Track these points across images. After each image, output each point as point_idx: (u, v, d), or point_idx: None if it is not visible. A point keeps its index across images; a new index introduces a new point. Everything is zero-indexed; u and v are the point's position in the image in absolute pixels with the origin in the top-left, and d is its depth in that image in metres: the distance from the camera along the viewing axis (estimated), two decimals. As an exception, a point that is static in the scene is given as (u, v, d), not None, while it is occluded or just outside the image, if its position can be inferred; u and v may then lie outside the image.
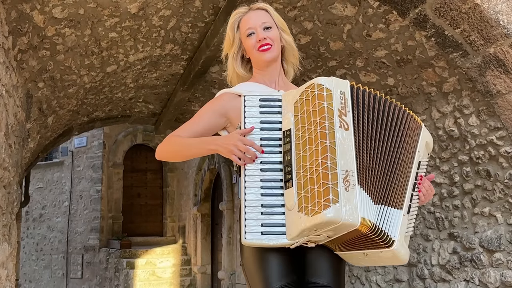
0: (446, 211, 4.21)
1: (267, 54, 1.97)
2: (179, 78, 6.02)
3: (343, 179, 1.63)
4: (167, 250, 11.59)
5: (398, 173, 1.82)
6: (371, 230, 1.67)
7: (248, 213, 1.70)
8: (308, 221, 1.62)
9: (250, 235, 1.68)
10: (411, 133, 1.89)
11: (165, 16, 4.33)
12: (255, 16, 2.00)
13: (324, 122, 1.68)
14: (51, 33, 3.79)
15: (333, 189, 1.60)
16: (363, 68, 4.41)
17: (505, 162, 3.61)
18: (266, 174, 1.74)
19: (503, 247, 3.66)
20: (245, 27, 1.98)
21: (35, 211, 13.47)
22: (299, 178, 1.68)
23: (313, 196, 1.62)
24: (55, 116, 5.15)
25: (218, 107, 1.94)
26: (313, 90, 1.73)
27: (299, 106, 1.76)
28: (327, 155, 1.64)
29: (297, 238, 1.67)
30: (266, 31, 1.97)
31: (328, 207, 1.58)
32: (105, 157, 12.17)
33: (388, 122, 1.83)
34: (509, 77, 3.31)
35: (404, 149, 1.85)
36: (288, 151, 1.73)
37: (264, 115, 1.80)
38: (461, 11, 3.22)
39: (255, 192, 1.72)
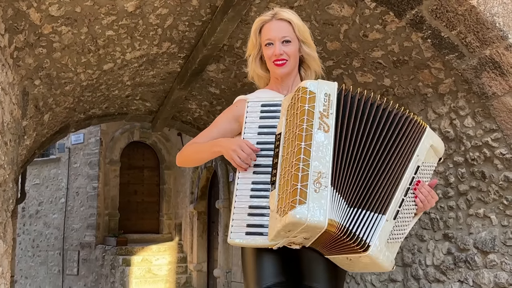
0: (441, 212, 4.23)
1: (281, 69, 2.00)
2: (176, 76, 6.02)
3: (314, 181, 1.64)
4: (163, 248, 11.60)
5: (384, 178, 1.78)
6: (340, 231, 1.66)
7: (236, 214, 1.76)
8: (280, 222, 1.65)
9: (234, 234, 1.75)
10: (407, 136, 1.85)
11: (162, 15, 4.33)
12: (277, 27, 2.00)
13: (302, 124, 1.70)
14: (47, 31, 3.79)
15: (301, 191, 1.62)
16: (359, 68, 4.41)
17: (500, 164, 3.62)
18: (258, 177, 1.79)
19: (497, 249, 3.67)
20: (266, 36, 2.01)
21: (31, 208, 13.46)
22: (280, 180, 1.72)
23: (286, 197, 1.66)
24: (51, 114, 5.15)
25: (232, 113, 2.03)
26: (298, 93, 1.77)
27: (289, 109, 1.79)
28: (300, 156, 1.67)
29: (276, 239, 1.70)
30: (285, 45, 1.98)
31: (293, 208, 1.61)
32: (102, 154, 12.16)
33: (374, 126, 1.81)
34: (504, 79, 3.32)
35: (395, 154, 1.81)
36: (277, 154, 1.77)
37: (263, 120, 1.86)
38: (457, 13, 3.23)
39: (245, 194, 1.78)
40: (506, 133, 3.51)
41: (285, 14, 2.01)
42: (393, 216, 1.78)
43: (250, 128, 1.85)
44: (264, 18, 2.04)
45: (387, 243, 1.76)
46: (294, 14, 2.04)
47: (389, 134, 1.83)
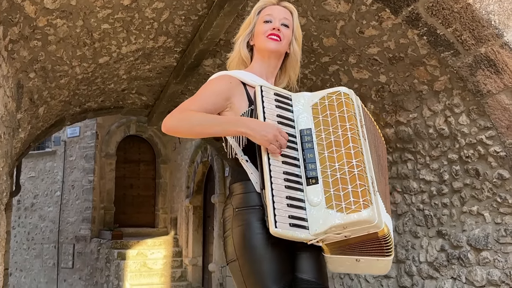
0: (435, 208, 4.24)
1: (272, 43, 1.96)
2: (172, 70, 6.00)
3: (372, 184, 1.72)
4: (159, 242, 11.60)
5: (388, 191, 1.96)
6: (385, 235, 1.73)
7: (277, 203, 1.66)
8: (342, 218, 1.64)
9: (280, 224, 1.64)
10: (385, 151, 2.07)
11: (158, 9, 4.31)
12: (280, 10, 2.02)
13: (354, 128, 1.75)
14: (42, 24, 3.77)
15: (368, 192, 1.67)
16: (355, 64, 4.41)
17: (494, 162, 3.63)
18: (287, 168, 1.73)
19: (490, 246, 3.69)
20: (266, 12, 2.00)
21: (26, 200, 13.44)
22: (326, 177, 1.71)
23: (346, 195, 1.65)
24: (46, 107, 5.13)
25: (224, 88, 1.86)
26: (339, 97, 1.81)
27: (320, 109, 1.81)
28: (360, 159, 1.70)
29: (321, 234, 1.68)
30: (283, 27, 1.99)
31: (367, 207, 1.63)
32: (98, 148, 12.15)
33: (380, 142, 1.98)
34: (499, 77, 3.32)
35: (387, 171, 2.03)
36: (310, 149, 1.76)
37: (279, 110, 1.80)
38: (453, 11, 3.23)
39: (280, 183, 1.69)
40: (500, 131, 3.52)
41: (290, 5, 2.05)
42: None
43: (269, 115, 1.76)
44: (266, 1, 2.05)
45: None
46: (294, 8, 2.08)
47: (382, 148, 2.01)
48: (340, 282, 5.42)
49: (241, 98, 1.87)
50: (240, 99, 1.86)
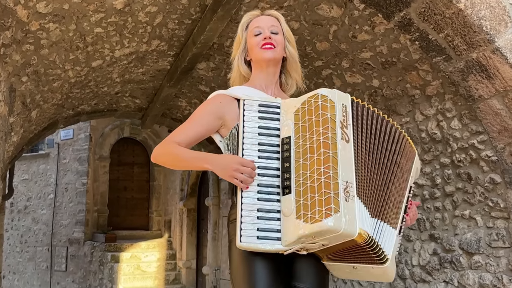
0: (427, 212, 4.25)
1: (268, 52, 1.98)
2: (165, 73, 6.00)
3: (344, 190, 1.65)
4: (153, 244, 11.58)
5: (394, 192, 1.84)
6: (366, 242, 1.68)
7: (245, 217, 1.68)
8: (307, 228, 1.62)
9: (245, 238, 1.66)
10: (406, 156, 1.91)
11: (151, 13, 4.31)
12: (266, 19, 2.04)
13: (327, 132, 1.69)
14: (35, 28, 3.76)
15: (334, 199, 1.61)
16: (348, 69, 4.42)
17: (485, 166, 3.65)
18: (263, 179, 1.73)
19: (482, 250, 3.71)
20: (254, 25, 2.01)
21: (20, 203, 13.38)
22: (298, 186, 1.68)
23: (313, 204, 1.63)
24: (39, 110, 5.12)
25: (215, 109, 1.92)
26: (317, 100, 1.76)
27: (300, 114, 1.77)
28: (329, 165, 1.65)
29: (293, 244, 1.67)
30: (273, 35, 2.00)
31: (329, 216, 1.59)
32: (92, 150, 12.11)
33: (385, 140, 1.86)
34: (491, 82, 3.34)
35: (399, 170, 1.87)
36: (287, 158, 1.74)
37: (263, 121, 1.80)
38: (445, 16, 3.24)
39: (252, 196, 1.71)
40: (492, 136, 3.54)
41: (274, 12, 2.06)
42: (399, 231, 1.84)
43: (250, 128, 1.78)
44: (252, 13, 2.06)
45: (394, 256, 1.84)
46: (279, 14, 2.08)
47: (394, 149, 1.88)
48: (333, 285, 5.43)
49: (234, 115, 1.89)
50: (232, 116, 1.89)
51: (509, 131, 3.42)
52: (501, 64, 3.22)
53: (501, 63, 3.22)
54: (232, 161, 1.73)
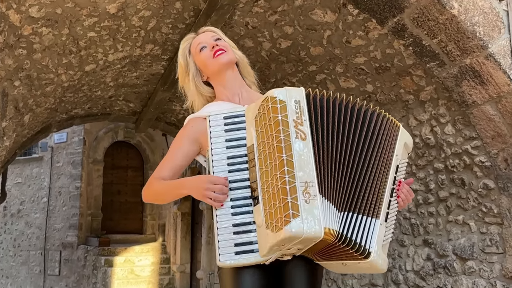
0: (421, 217, 4.25)
1: (223, 57, 1.96)
2: (159, 78, 5.98)
3: (303, 191, 1.60)
4: (146, 248, 11.53)
5: (371, 180, 1.76)
6: (337, 239, 1.65)
7: (221, 235, 1.68)
8: (273, 238, 1.61)
9: (223, 256, 1.67)
10: (385, 136, 1.82)
11: (145, 17, 4.29)
12: (204, 35, 2.04)
13: (280, 135, 1.65)
14: (27, 32, 3.74)
15: (292, 204, 1.58)
16: (342, 74, 4.42)
17: (479, 172, 3.65)
18: (235, 193, 1.71)
19: (476, 256, 3.71)
20: (196, 44, 2.00)
21: (13, 207, 13.29)
22: (264, 194, 1.66)
23: (276, 212, 1.61)
24: (32, 114, 5.09)
25: (188, 135, 1.93)
26: (267, 103, 1.70)
27: (259, 120, 1.73)
28: (284, 169, 1.62)
29: (268, 254, 1.66)
30: (218, 41, 2.00)
31: (288, 223, 1.57)
32: (85, 154, 12.06)
33: (353, 125, 1.78)
34: (484, 88, 3.35)
35: (376, 154, 1.79)
36: (253, 167, 1.71)
37: (229, 133, 1.77)
38: (438, 22, 3.25)
39: (225, 213, 1.70)
40: (485, 141, 3.54)
41: (207, 27, 2.09)
42: (385, 219, 1.78)
43: (217, 143, 1.76)
44: (188, 36, 2.07)
45: (383, 245, 1.77)
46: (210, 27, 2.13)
47: (368, 134, 1.79)
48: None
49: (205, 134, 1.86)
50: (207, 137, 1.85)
51: (502, 137, 3.42)
52: (495, 70, 3.22)
53: (494, 69, 3.22)
54: (201, 181, 1.73)
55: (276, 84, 5.15)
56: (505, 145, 3.43)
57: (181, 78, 2.05)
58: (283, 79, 5.04)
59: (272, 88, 4.60)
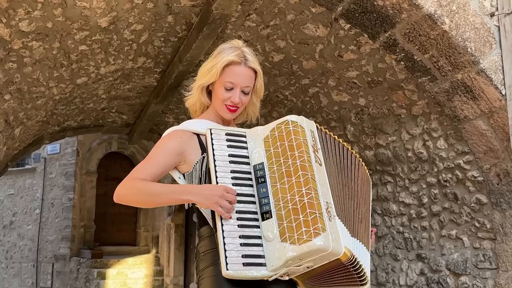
0: (414, 231, 4.23)
1: (230, 115, 1.94)
2: (152, 90, 5.97)
3: (326, 210, 1.66)
4: (140, 261, 11.44)
5: (363, 214, 1.87)
6: (350, 261, 1.67)
7: (228, 244, 1.64)
8: (295, 250, 1.60)
9: (232, 266, 1.61)
10: (366, 182, 1.97)
11: (137, 30, 4.28)
12: (244, 75, 1.90)
13: (303, 155, 1.71)
14: (17, 46, 3.71)
15: (320, 218, 1.62)
16: (335, 87, 4.41)
17: (472, 186, 3.64)
18: (240, 206, 1.70)
19: (469, 271, 3.68)
20: (229, 78, 1.88)
21: (5, 218, 13.20)
22: (279, 209, 1.67)
23: (298, 225, 1.62)
24: (22, 127, 5.05)
25: (175, 145, 1.85)
26: (287, 126, 1.77)
27: (271, 141, 1.78)
28: (310, 186, 1.66)
29: (280, 268, 1.64)
30: (242, 95, 1.91)
31: (318, 235, 1.59)
32: (78, 165, 11.99)
33: (349, 166, 1.90)
34: (476, 103, 3.34)
35: (363, 194, 1.91)
36: (263, 183, 1.73)
37: (231, 149, 1.78)
38: (429, 37, 3.25)
39: (232, 224, 1.67)
40: (477, 156, 3.53)
41: (254, 64, 1.92)
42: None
43: (220, 156, 1.75)
44: (233, 58, 1.88)
45: None
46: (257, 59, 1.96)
47: (357, 175, 1.92)
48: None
49: (194, 150, 1.85)
50: (192, 151, 1.85)
51: (494, 152, 3.41)
52: (486, 85, 3.22)
53: (486, 84, 3.22)
54: (217, 188, 1.68)
55: (269, 97, 5.14)
56: (497, 160, 3.42)
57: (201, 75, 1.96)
58: (276, 92, 5.03)
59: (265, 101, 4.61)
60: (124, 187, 1.80)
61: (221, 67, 1.88)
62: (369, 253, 1.85)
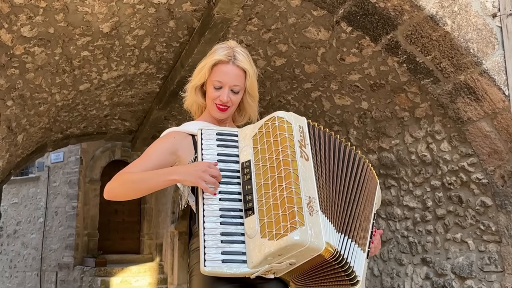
0: (419, 235, 4.19)
1: (221, 114, 1.95)
2: (154, 96, 5.97)
3: (307, 204, 1.63)
4: (143, 269, 11.41)
5: (360, 214, 1.81)
6: (333, 256, 1.64)
7: (208, 241, 1.64)
8: (273, 245, 1.58)
9: (210, 262, 1.61)
10: (369, 181, 1.90)
11: (139, 36, 4.28)
12: (232, 73, 1.91)
13: (286, 150, 1.69)
14: (19, 52, 3.72)
15: (298, 213, 1.59)
16: (337, 91, 4.40)
17: (476, 189, 3.61)
18: (225, 204, 1.71)
19: (475, 274, 3.64)
20: (217, 77, 1.90)
21: (9, 227, 13.20)
22: (261, 205, 1.66)
23: (277, 220, 1.60)
24: (25, 134, 5.05)
25: (168, 145, 1.89)
26: (274, 122, 1.77)
27: (259, 138, 1.78)
28: (291, 180, 1.64)
29: (259, 265, 1.62)
30: (232, 94, 1.93)
31: (294, 229, 1.56)
32: (82, 173, 12.00)
33: (345, 162, 1.86)
34: (479, 104, 3.32)
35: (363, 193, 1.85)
36: (248, 180, 1.72)
37: (221, 148, 1.80)
38: (431, 39, 3.23)
39: (214, 221, 1.67)
40: (482, 158, 3.50)
41: (242, 63, 1.93)
42: (367, 255, 1.80)
43: (209, 155, 1.78)
44: (224, 52, 1.92)
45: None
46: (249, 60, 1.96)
47: (357, 173, 1.87)
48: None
49: (188, 150, 1.87)
50: (186, 151, 1.87)
51: (498, 154, 3.38)
52: (489, 86, 3.20)
53: (489, 85, 3.20)
54: (200, 164, 1.72)
55: (272, 102, 5.13)
56: (501, 162, 3.39)
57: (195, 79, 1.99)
58: (278, 96, 5.02)
59: (267, 106, 4.60)
60: (112, 181, 1.83)
61: (209, 67, 1.91)
62: (364, 253, 1.78)
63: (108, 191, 1.84)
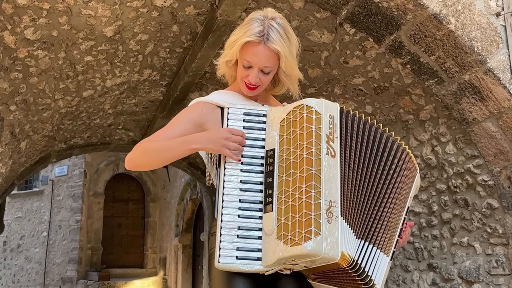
0: (425, 241, 4.13)
1: (250, 93, 1.85)
2: (158, 104, 5.97)
3: (326, 210, 1.56)
4: (147, 283, 11.33)
5: (389, 214, 1.70)
6: (349, 265, 1.59)
7: (224, 235, 1.60)
8: (286, 251, 1.54)
9: (224, 258, 1.58)
10: (406, 173, 1.78)
11: (142, 41, 4.29)
12: (262, 55, 1.76)
13: (311, 147, 1.61)
14: (23, 55, 3.72)
15: (315, 221, 1.53)
16: (341, 95, 4.38)
17: (482, 191, 3.56)
18: (245, 195, 1.65)
19: (482, 278, 3.57)
20: (247, 57, 1.78)
21: (13, 242, 13.16)
22: (280, 204, 1.60)
23: (293, 225, 1.55)
24: (29, 141, 5.04)
25: (194, 116, 1.79)
26: (302, 111, 1.65)
27: (285, 125, 1.67)
28: (311, 183, 1.57)
29: (273, 266, 1.58)
30: (262, 75, 1.80)
31: (309, 240, 1.51)
32: (86, 187, 11.99)
33: (380, 154, 1.74)
34: (484, 104, 3.29)
35: (397, 188, 1.74)
36: (271, 172, 1.65)
37: (247, 131, 1.71)
38: (435, 38, 3.22)
39: (232, 213, 1.62)
40: (487, 160, 3.46)
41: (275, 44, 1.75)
42: (391, 257, 1.72)
43: None
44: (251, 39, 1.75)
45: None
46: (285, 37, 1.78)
47: (392, 167, 1.75)
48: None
49: (215, 123, 1.77)
50: (213, 125, 1.77)
51: (504, 154, 3.34)
52: (494, 85, 3.17)
53: (494, 84, 3.17)
54: (222, 131, 1.66)
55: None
56: (507, 163, 3.34)
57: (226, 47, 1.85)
58: (281, 102, 5.00)
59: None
60: (133, 150, 1.78)
61: (239, 45, 1.78)
62: (388, 257, 1.69)
63: (129, 160, 1.79)
